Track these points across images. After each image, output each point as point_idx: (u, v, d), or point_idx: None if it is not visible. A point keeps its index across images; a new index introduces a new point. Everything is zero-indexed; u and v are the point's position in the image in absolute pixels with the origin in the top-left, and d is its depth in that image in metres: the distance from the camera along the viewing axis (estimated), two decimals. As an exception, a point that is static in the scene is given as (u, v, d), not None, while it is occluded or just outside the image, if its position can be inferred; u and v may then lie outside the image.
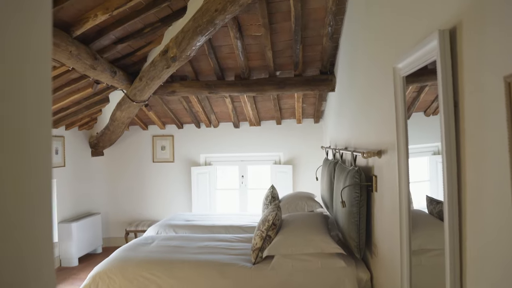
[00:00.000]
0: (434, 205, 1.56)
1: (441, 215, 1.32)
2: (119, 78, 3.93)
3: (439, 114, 1.29)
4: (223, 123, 6.04)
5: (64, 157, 5.18)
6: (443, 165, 1.24)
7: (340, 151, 3.67)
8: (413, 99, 1.82)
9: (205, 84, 4.62)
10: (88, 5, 2.77)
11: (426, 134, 1.68)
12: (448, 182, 1.22)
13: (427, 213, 1.65)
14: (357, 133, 3.08)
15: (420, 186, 1.78)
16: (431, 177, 1.68)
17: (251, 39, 3.95)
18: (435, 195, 1.54)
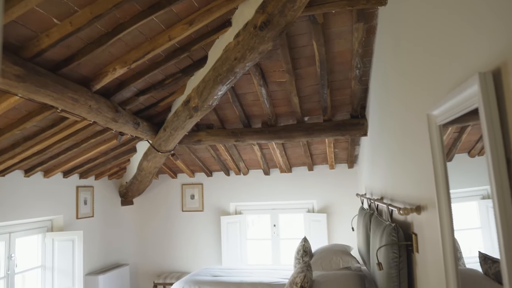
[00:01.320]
0: (489, 264, 1.26)
1: (499, 278, 1.02)
2: (142, 129, 3.89)
3: (487, 165, 1.02)
4: (253, 170, 5.85)
5: (93, 207, 5.14)
6: (496, 222, 0.97)
7: (375, 202, 3.35)
8: (454, 140, 1.56)
9: (231, 132, 4.50)
10: (106, 59, 2.75)
11: (472, 177, 1.40)
12: (505, 238, 0.93)
13: (481, 274, 1.33)
14: (392, 183, 2.78)
15: (470, 235, 1.48)
16: (482, 224, 1.40)
17: (275, 85, 3.82)
18: (489, 248, 1.24)
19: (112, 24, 2.41)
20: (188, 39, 2.98)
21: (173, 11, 2.55)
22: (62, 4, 2.08)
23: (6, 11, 1.88)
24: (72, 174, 4.64)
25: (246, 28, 2.74)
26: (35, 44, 2.24)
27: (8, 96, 2.54)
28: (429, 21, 1.63)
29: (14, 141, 3.30)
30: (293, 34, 3.11)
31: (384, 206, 2.90)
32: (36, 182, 4.17)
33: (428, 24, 1.64)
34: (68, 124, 3.32)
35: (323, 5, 2.59)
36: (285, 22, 2.53)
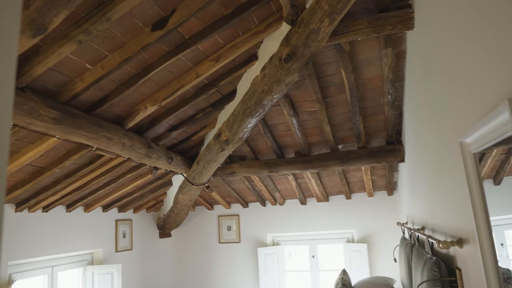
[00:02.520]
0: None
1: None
2: (176, 163, 3.96)
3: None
4: (289, 200, 5.76)
5: (132, 240, 5.23)
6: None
7: (416, 233, 3.15)
8: (501, 162, 1.45)
9: (264, 163, 4.48)
10: (138, 98, 2.85)
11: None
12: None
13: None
14: (432, 213, 2.62)
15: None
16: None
17: (306, 115, 3.78)
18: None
19: (141, 65, 2.51)
20: (216, 74, 3.05)
21: (199, 49, 2.62)
22: (93, 50, 2.20)
23: (42, 61, 2.01)
24: (111, 208, 4.77)
25: (272, 61, 2.76)
26: (70, 88, 2.37)
27: (48, 138, 2.68)
28: (455, 46, 1.56)
29: (55, 178, 3.45)
30: (320, 63, 3.10)
31: (424, 237, 2.73)
32: (77, 217, 4.32)
33: (455, 49, 1.56)
34: (105, 161, 3.44)
35: (348, 34, 2.57)
36: (310, 53, 2.52)
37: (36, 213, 3.80)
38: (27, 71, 2.03)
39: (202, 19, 2.33)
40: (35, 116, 2.21)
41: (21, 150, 2.79)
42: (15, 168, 2.87)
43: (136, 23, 2.14)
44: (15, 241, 3.54)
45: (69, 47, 1.98)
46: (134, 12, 2.06)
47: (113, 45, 2.22)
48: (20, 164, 2.84)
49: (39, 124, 2.29)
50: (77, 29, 1.93)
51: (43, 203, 3.66)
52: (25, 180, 3.20)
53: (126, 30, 2.16)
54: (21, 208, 3.57)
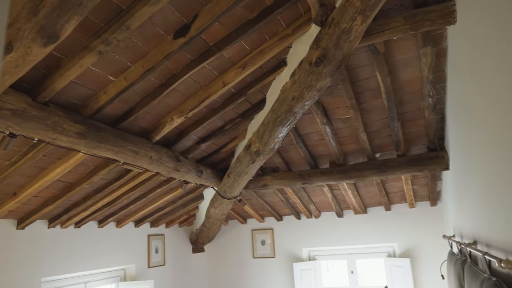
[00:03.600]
0: None
1: None
2: (206, 176, 3.85)
3: None
4: (325, 213, 5.51)
5: (164, 256, 5.16)
6: None
7: (467, 248, 2.85)
8: None
9: (297, 174, 4.29)
10: (163, 110, 2.78)
11: None
12: None
13: None
14: (486, 225, 2.34)
15: None
16: None
17: (340, 122, 3.58)
18: None
19: (165, 76, 2.43)
20: (244, 83, 2.93)
21: (224, 57, 2.51)
22: (115, 61, 2.13)
23: (64, 74, 1.95)
24: (143, 223, 4.73)
25: (302, 66, 2.60)
26: (94, 102, 2.31)
27: (75, 153, 2.64)
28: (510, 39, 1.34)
29: (85, 194, 3.43)
30: (354, 67, 2.91)
31: (479, 254, 2.44)
32: (109, 232, 4.29)
33: (510, 42, 1.35)
34: (133, 175, 3.39)
35: (383, 33, 2.38)
36: (342, 55, 2.35)
37: (68, 229, 3.79)
38: (49, 85, 1.99)
39: (226, 24, 2.22)
40: (59, 131, 2.17)
41: (49, 166, 2.77)
42: (45, 184, 2.85)
43: (158, 31, 2.06)
44: (48, 257, 3.53)
45: (90, 59, 1.92)
46: (154, 19, 1.98)
47: (135, 55, 2.15)
48: (50, 180, 2.82)
49: (63, 139, 2.24)
50: (97, 39, 1.86)
51: (75, 218, 3.65)
52: (56, 196, 3.19)
53: (148, 39, 2.08)
54: (53, 224, 3.57)
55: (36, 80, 2.01)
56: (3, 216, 3.12)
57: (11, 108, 1.90)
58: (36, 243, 3.45)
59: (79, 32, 1.85)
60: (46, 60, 1.92)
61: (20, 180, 2.79)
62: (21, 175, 2.74)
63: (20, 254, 3.30)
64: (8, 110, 1.89)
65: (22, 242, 3.34)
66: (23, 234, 3.36)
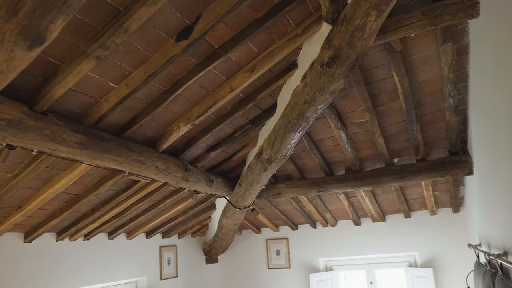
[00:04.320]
0: None
1: None
2: (217, 185, 3.72)
3: None
4: (342, 221, 5.32)
5: (177, 267, 5.03)
6: None
7: (497, 259, 2.64)
8: None
9: (312, 182, 4.13)
10: (169, 117, 2.66)
11: None
12: None
13: None
14: (520, 237, 2.14)
15: None
16: None
17: (355, 126, 3.42)
18: None
19: (169, 81, 2.31)
20: (253, 87, 2.80)
21: (231, 60, 2.39)
22: (115, 67, 2.03)
23: (61, 81, 1.86)
24: (154, 234, 4.62)
25: (313, 68, 2.46)
26: (96, 110, 2.21)
27: (79, 164, 2.54)
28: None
29: (93, 206, 3.34)
30: (369, 67, 2.75)
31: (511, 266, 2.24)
32: (120, 244, 4.19)
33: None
34: (141, 186, 3.28)
35: (399, 29, 2.22)
36: (356, 54, 2.20)
37: (77, 241, 3.70)
38: (47, 93, 1.89)
39: (232, 24, 2.10)
40: (58, 141, 2.07)
41: (53, 178, 2.68)
42: (50, 196, 2.76)
43: (159, 34, 1.95)
44: (57, 271, 3.45)
45: (88, 65, 1.82)
46: (155, 21, 1.87)
47: (136, 60, 2.04)
48: (55, 192, 2.73)
49: (64, 150, 2.14)
50: (94, 44, 1.76)
51: (83, 231, 3.56)
52: (63, 209, 3.10)
53: (149, 42, 1.97)
54: (62, 237, 3.48)
55: (33, 89, 1.91)
56: (9, 229, 3.04)
57: (6, 118, 1.80)
58: (44, 256, 3.37)
59: (75, 36, 1.75)
60: (42, 67, 1.83)
61: (24, 192, 2.71)
62: (25, 188, 2.65)
63: (28, 268, 3.22)
64: (3, 120, 1.80)
65: (30, 256, 3.26)
66: (31, 248, 3.28)
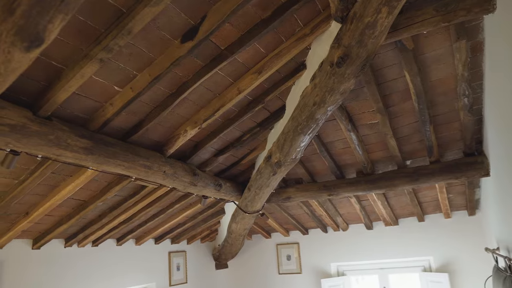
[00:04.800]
0: None
1: None
2: (226, 190, 3.67)
3: None
4: (353, 225, 5.21)
5: (186, 273, 4.98)
6: None
7: (517, 264, 2.53)
8: None
9: (322, 186, 4.04)
10: (176, 121, 2.62)
11: None
12: None
13: None
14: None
15: None
16: None
17: (366, 128, 3.33)
18: None
19: (175, 84, 2.27)
20: (260, 89, 2.74)
21: (238, 61, 2.34)
22: (119, 70, 1.99)
23: (65, 85, 1.82)
24: (163, 239, 4.57)
25: (322, 68, 2.39)
26: (101, 114, 2.18)
27: (85, 169, 2.51)
28: None
29: (100, 212, 3.30)
30: (380, 67, 2.68)
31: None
32: (129, 250, 4.16)
33: None
34: (149, 191, 3.24)
35: (411, 27, 2.14)
36: (366, 53, 2.13)
37: (85, 247, 3.67)
38: (50, 97, 1.86)
39: (238, 25, 2.05)
40: (63, 146, 2.03)
41: (60, 184, 2.65)
42: (56, 203, 2.73)
43: (163, 35, 1.90)
44: (66, 277, 3.41)
45: (91, 68, 1.78)
46: (159, 22, 1.83)
47: (140, 63, 2.00)
48: (61, 198, 2.70)
49: (69, 155, 2.10)
50: (97, 46, 1.72)
51: (92, 237, 3.52)
52: (70, 215, 3.07)
53: (153, 44, 1.93)
54: (70, 243, 3.45)
55: (36, 93, 1.88)
56: (17, 236, 3.02)
57: (9, 124, 1.77)
58: (53, 263, 3.34)
59: (78, 39, 1.71)
60: (45, 71, 1.80)
61: (31, 198, 2.68)
62: (31, 194, 2.63)
63: (37, 275, 3.19)
64: (6, 125, 1.76)
65: (38, 263, 3.23)
66: (39, 254, 3.26)
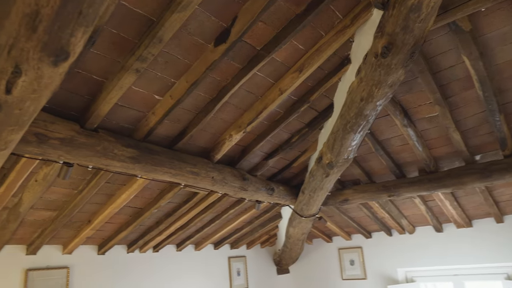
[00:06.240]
0: None
1: None
2: (279, 194, 3.59)
3: None
4: (420, 228, 4.85)
5: (247, 278, 4.96)
6: None
7: None
8: None
9: (381, 186, 3.80)
10: (220, 126, 2.61)
11: None
12: None
13: None
14: None
15: None
16: None
17: (425, 122, 3.08)
18: None
19: (214, 89, 2.25)
20: (304, 88, 2.65)
21: (277, 61, 2.27)
22: (157, 79, 2.02)
23: (106, 97, 1.88)
24: (222, 245, 4.61)
25: (367, 60, 2.24)
26: (144, 124, 2.23)
27: (136, 178, 2.59)
28: None
29: (157, 218, 3.40)
30: (433, 54, 2.45)
31: None
32: (188, 256, 4.24)
33: None
34: (201, 197, 3.27)
35: (465, 5, 1.92)
36: (414, 40, 1.95)
37: (147, 253, 3.81)
38: (94, 110, 1.93)
39: (271, 22, 1.98)
40: (110, 156, 2.11)
41: (115, 193, 2.76)
42: (114, 211, 2.86)
43: (196, 41, 1.90)
44: (129, 281, 3.56)
45: (128, 79, 1.82)
46: (190, 28, 1.82)
47: (176, 70, 2.01)
48: (118, 206, 2.82)
49: (117, 165, 2.18)
50: (132, 57, 1.76)
51: (152, 243, 3.65)
52: (128, 222, 3.20)
53: (187, 50, 1.93)
54: (132, 249, 3.60)
55: (82, 107, 1.97)
56: (83, 242, 3.21)
57: (59, 137, 1.87)
58: (117, 267, 3.51)
59: (114, 51, 1.76)
60: (87, 85, 1.88)
61: (91, 207, 2.83)
62: (91, 203, 2.77)
63: (103, 279, 3.36)
64: (56, 139, 1.86)
65: (103, 267, 3.41)
66: (104, 259, 3.44)
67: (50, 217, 2.74)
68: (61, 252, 3.13)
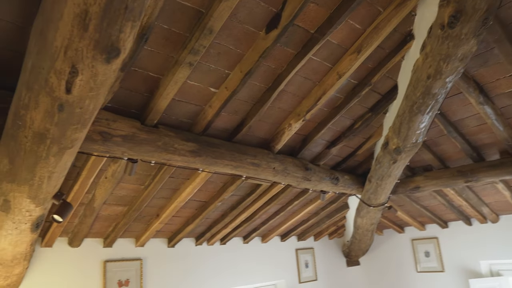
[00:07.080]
0: None
1: None
2: (344, 183, 3.47)
3: None
4: (505, 216, 4.41)
5: (316, 270, 4.88)
6: None
7: None
8: None
9: (456, 171, 3.51)
10: (278, 116, 2.56)
11: None
12: None
13: None
14: None
15: None
16: None
17: (505, 98, 2.76)
18: None
19: (270, 77, 2.21)
20: (364, 70, 2.50)
21: (332, 43, 2.16)
22: (211, 71, 2.02)
23: (163, 93, 1.92)
24: (289, 236, 4.58)
25: (432, 33, 2.05)
26: (202, 117, 2.25)
27: (198, 172, 2.63)
28: None
29: (222, 211, 3.45)
30: (511, 20, 2.18)
31: None
32: (255, 248, 4.27)
33: None
34: (264, 189, 3.25)
35: (549, -42, 1.67)
36: (487, 4, 1.74)
37: (214, 245, 3.89)
38: (153, 106, 1.99)
39: (323, 3, 1.88)
40: (171, 151, 2.16)
41: (180, 187, 2.84)
42: (180, 204, 2.94)
43: (247, 29, 1.86)
44: (198, 273, 3.67)
45: (182, 73, 1.84)
46: (239, 16, 1.79)
47: (230, 61, 2.00)
48: (183, 200, 2.90)
49: (178, 159, 2.23)
50: (184, 50, 1.77)
51: (218, 236, 3.72)
52: (195, 215, 3.28)
53: (238, 39, 1.90)
54: (200, 241, 3.70)
55: (142, 105, 2.04)
56: (153, 235, 3.35)
57: (121, 134, 1.95)
58: (186, 259, 3.63)
59: (167, 47, 1.79)
60: (145, 82, 1.93)
61: (158, 202, 2.94)
62: (157, 197, 2.88)
63: (173, 270, 3.50)
64: (119, 136, 1.95)
65: (173, 259, 3.54)
66: (174, 252, 3.57)
67: (122, 212, 2.89)
68: (134, 244, 3.31)
